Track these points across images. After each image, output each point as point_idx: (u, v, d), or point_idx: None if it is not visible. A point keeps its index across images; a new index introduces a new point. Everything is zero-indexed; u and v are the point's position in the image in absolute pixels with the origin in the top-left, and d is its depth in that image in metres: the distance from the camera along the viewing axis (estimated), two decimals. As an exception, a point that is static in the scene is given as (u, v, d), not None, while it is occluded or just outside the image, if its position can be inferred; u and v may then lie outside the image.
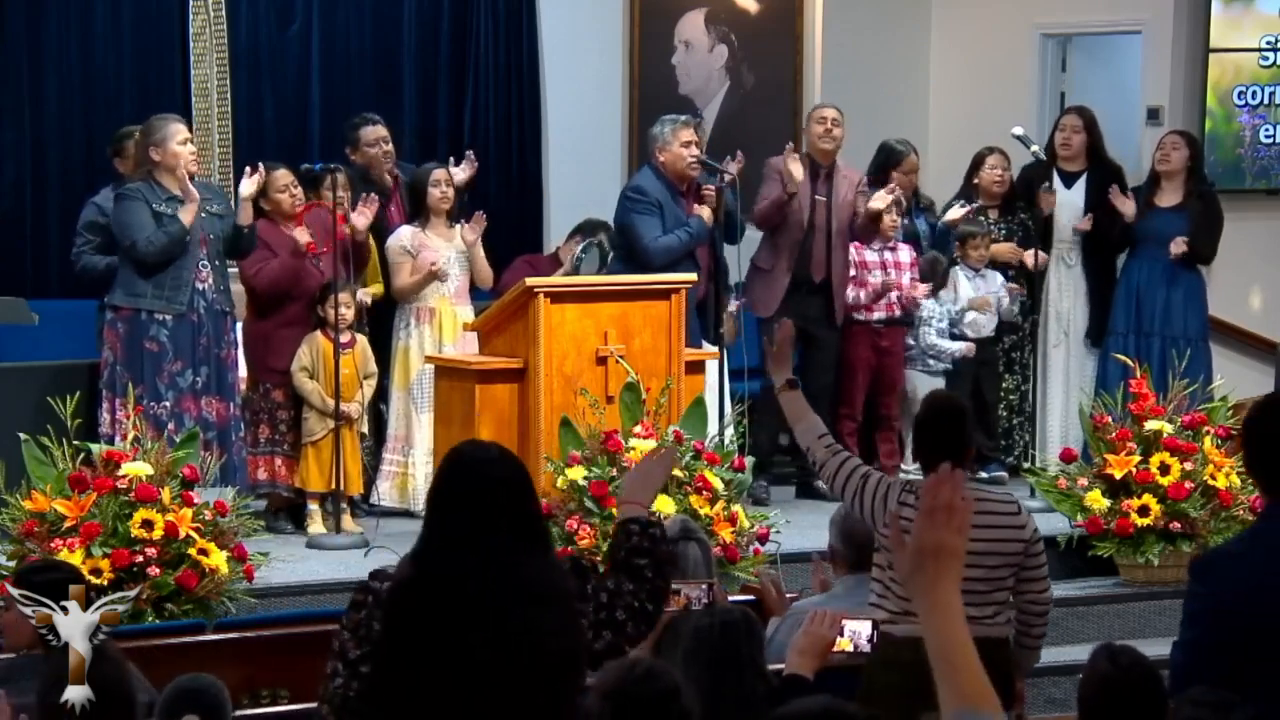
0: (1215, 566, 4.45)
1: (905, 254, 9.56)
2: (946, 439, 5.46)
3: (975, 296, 9.76)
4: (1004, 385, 9.98)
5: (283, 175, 8.51)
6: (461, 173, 9.10)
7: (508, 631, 3.54)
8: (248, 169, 8.36)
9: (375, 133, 9.15)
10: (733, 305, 9.18)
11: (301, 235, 8.40)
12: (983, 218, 9.94)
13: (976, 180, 10.00)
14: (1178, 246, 9.45)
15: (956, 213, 9.78)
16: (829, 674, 4.71)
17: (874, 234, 9.45)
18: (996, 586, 5.46)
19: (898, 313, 9.50)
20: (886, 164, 9.78)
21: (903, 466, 9.32)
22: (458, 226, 8.82)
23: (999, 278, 9.86)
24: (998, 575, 5.46)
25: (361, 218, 8.50)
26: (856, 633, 4.60)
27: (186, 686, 4.32)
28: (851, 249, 9.46)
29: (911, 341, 9.67)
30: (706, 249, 8.89)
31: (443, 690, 3.52)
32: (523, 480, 3.72)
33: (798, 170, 9.17)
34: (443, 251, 8.68)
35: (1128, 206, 9.59)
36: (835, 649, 4.67)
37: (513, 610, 3.55)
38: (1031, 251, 9.65)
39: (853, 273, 9.44)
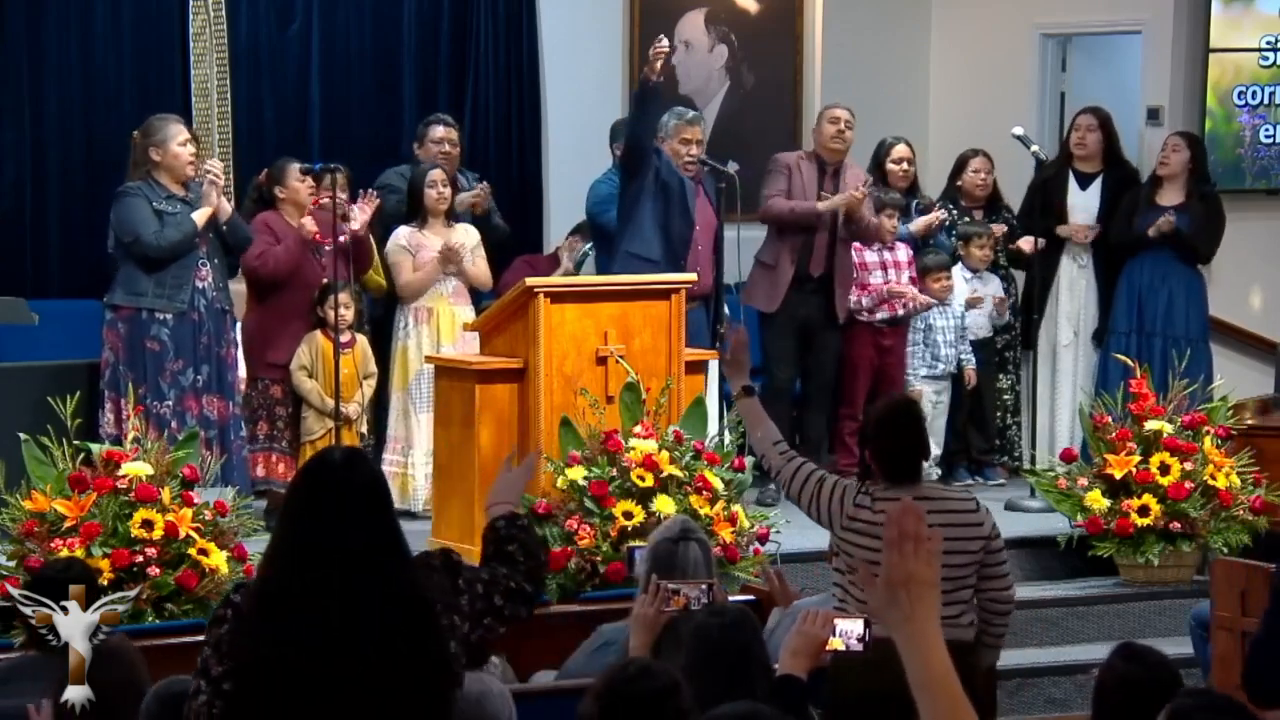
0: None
1: (903, 253, 9.56)
2: (905, 443, 5.48)
3: (970, 296, 9.75)
4: (998, 386, 9.99)
5: (296, 167, 8.55)
6: (466, 198, 9.07)
7: (365, 642, 3.51)
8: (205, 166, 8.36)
9: (443, 133, 9.25)
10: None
11: (309, 223, 8.40)
12: (967, 217, 9.96)
13: (959, 183, 10.01)
14: (1164, 224, 9.40)
15: (920, 223, 9.76)
16: (822, 674, 4.71)
17: (861, 234, 9.39)
18: (959, 585, 5.50)
19: (900, 312, 9.49)
20: (877, 155, 9.84)
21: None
22: (457, 226, 8.82)
23: (996, 280, 9.86)
24: (961, 574, 5.50)
25: (360, 214, 8.48)
26: (848, 632, 4.60)
27: (169, 692, 4.27)
28: (850, 250, 9.46)
29: (922, 345, 9.65)
30: (709, 249, 8.89)
31: (304, 707, 3.50)
32: (378, 485, 3.69)
33: (838, 203, 9.16)
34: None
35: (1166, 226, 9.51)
36: (827, 648, 4.67)
37: (370, 621, 3.53)
38: (1030, 239, 9.63)
39: (854, 274, 9.43)
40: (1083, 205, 9.88)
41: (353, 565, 3.54)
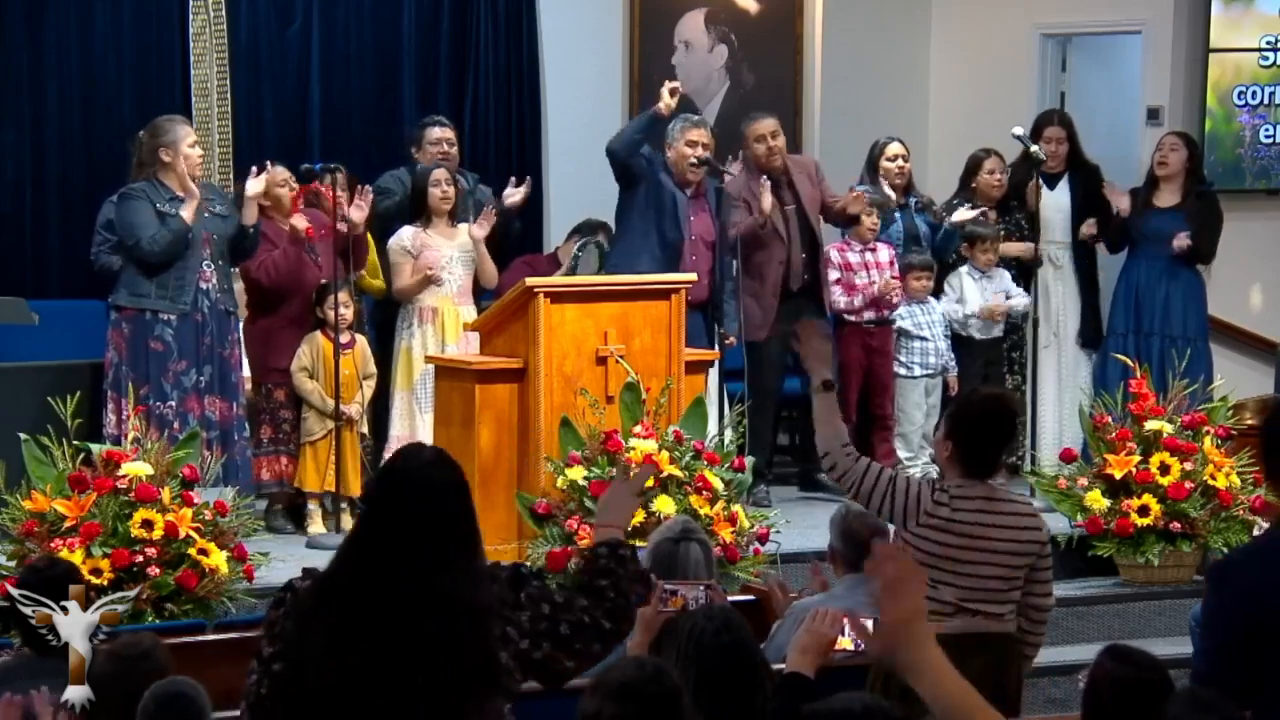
0: (1229, 573, 4.42)
1: (884, 254, 9.54)
2: (992, 439, 5.43)
3: (985, 306, 9.72)
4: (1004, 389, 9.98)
5: (281, 171, 8.58)
6: (511, 196, 9.04)
7: (411, 643, 3.55)
8: (254, 169, 8.37)
9: (440, 134, 9.19)
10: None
11: (299, 221, 8.40)
12: (983, 218, 9.95)
13: (973, 184, 9.99)
14: (1180, 241, 9.46)
15: (965, 214, 9.78)
16: (830, 673, 4.71)
17: (848, 223, 9.44)
18: (1011, 585, 5.46)
19: (887, 312, 9.49)
20: (871, 156, 9.81)
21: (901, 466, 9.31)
22: (461, 226, 8.80)
23: (1007, 276, 9.85)
24: (1014, 575, 5.45)
25: (357, 210, 8.48)
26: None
27: (165, 692, 4.27)
28: (833, 250, 9.45)
29: (915, 342, 9.64)
30: (706, 259, 8.87)
31: (343, 696, 3.54)
32: (457, 484, 3.70)
33: (766, 201, 9.11)
34: (444, 251, 8.66)
35: (1123, 201, 9.61)
36: (836, 648, 4.66)
37: (417, 623, 3.55)
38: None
39: (838, 275, 9.43)
40: (1055, 204, 9.89)
41: (415, 568, 3.57)
